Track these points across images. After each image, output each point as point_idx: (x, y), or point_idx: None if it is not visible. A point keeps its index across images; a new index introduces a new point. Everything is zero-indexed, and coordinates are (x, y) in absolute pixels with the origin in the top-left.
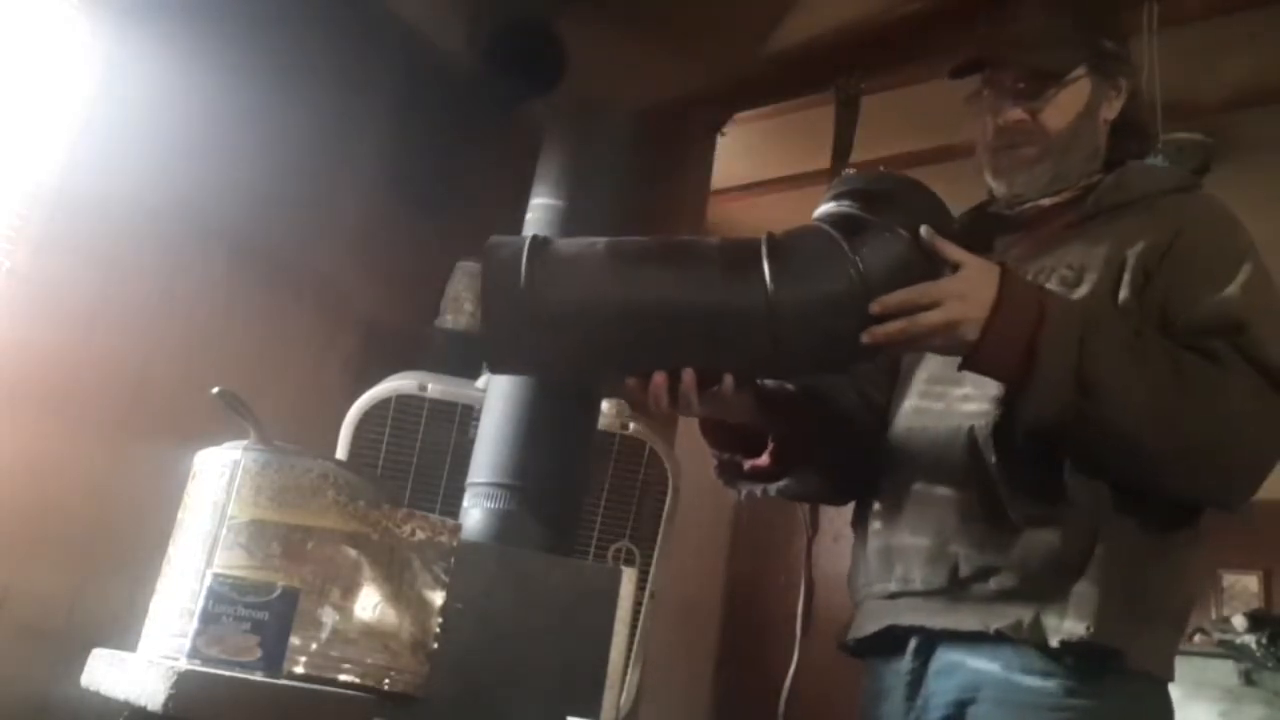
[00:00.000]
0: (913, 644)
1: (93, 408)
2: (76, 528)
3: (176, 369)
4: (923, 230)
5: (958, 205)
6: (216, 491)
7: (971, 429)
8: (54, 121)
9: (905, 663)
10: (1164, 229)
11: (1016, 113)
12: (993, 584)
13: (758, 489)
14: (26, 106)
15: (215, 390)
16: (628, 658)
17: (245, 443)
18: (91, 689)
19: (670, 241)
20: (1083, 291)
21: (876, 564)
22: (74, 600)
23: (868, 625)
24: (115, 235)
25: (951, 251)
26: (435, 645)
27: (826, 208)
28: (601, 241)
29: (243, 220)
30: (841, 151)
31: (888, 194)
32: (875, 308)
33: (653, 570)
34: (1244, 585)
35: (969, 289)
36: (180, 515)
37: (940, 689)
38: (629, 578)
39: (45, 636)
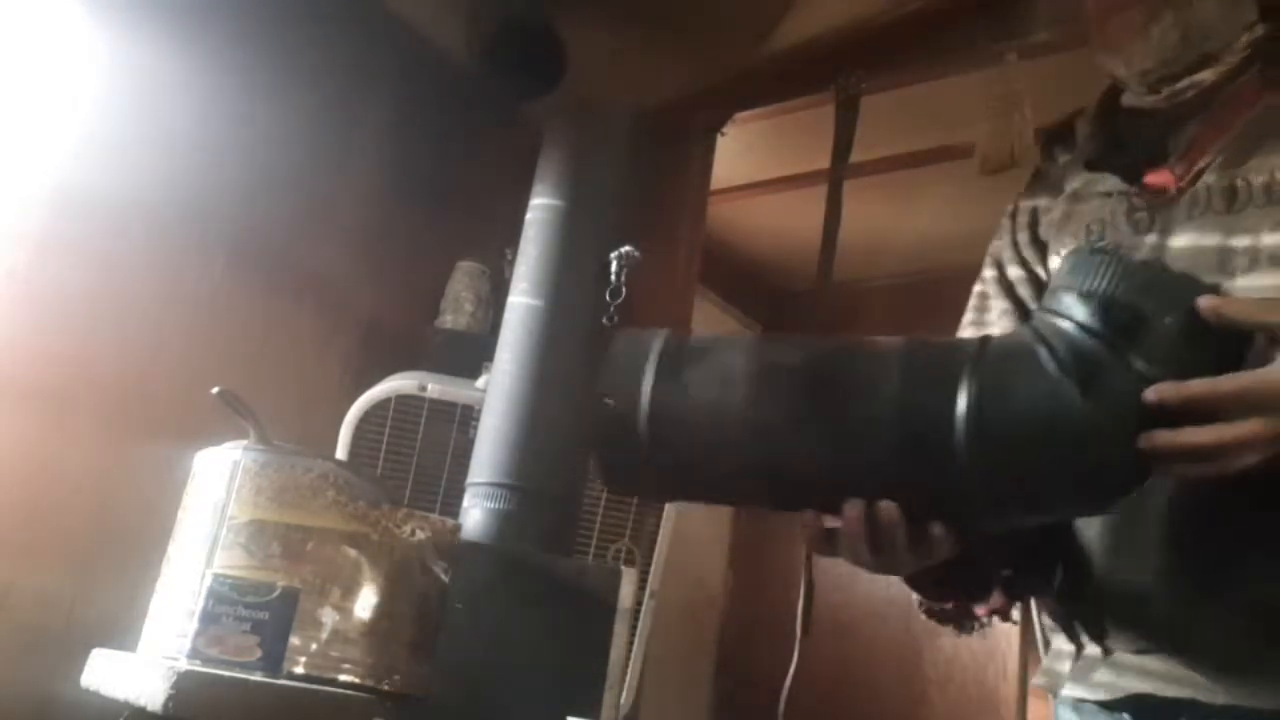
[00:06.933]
0: None
1: (93, 408)
2: (76, 528)
3: (176, 369)
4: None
5: (957, 205)
6: (216, 491)
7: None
8: (54, 121)
9: None
10: None
11: None
12: None
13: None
14: (26, 106)
15: (215, 390)
16: (628, 658)
17: (245, 443)
18: (91, 689)
19: (826, 364)
20: None
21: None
22: (74, 600)
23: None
24: (115, 235)
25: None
26: (435, 645)
27: (1057, 322)
28: (740, 366)
29: (243, 220)
30: (841, 151)
31: (1147, 322)
32: (1157, 395)
33: (653, 570)
34: None
35: None
36: (180, 515)
37: None
38: (629, 578)
39: (45, 636)
